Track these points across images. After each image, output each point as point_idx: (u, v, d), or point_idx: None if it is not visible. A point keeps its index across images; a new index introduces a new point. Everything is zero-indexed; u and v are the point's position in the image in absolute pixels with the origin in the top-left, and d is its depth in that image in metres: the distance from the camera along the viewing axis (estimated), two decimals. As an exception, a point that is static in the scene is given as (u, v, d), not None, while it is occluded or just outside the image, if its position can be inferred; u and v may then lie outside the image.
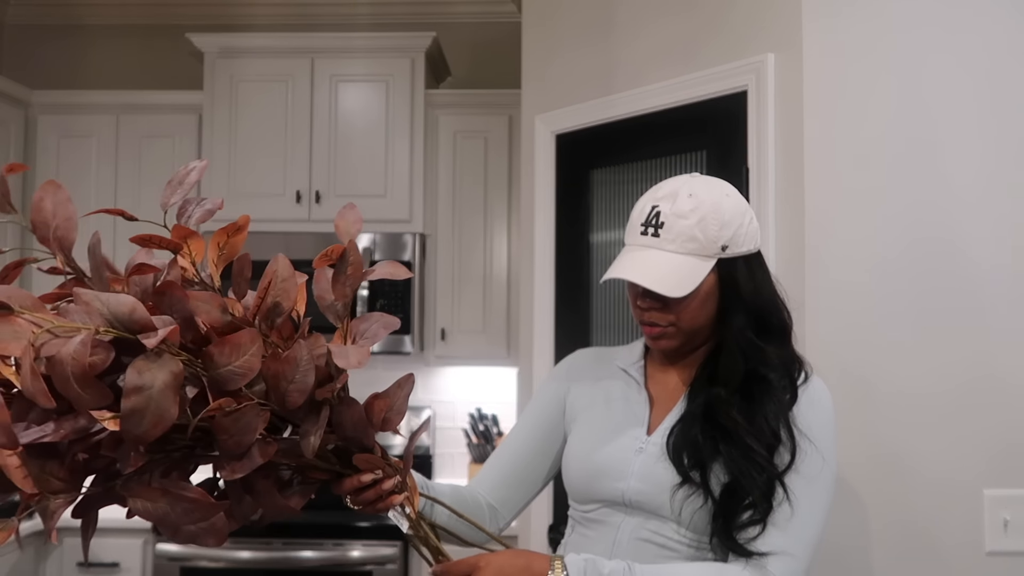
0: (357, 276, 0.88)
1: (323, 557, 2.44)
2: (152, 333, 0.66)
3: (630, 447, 1.17)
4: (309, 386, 0.77)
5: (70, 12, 3.34)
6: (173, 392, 0.66)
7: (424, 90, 2.91)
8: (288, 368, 0.77)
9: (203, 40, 2.92)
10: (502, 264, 2.93)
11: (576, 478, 1.23)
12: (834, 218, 1.64)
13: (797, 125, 1.68)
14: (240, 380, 0.73)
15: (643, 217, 1.13)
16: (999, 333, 1.57)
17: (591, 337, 2.16)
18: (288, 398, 0.77)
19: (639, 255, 1.12)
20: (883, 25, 1.63)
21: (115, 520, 2.88)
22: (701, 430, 1.10)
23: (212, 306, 0.76)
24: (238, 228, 0.85)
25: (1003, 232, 1.58)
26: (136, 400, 0.64)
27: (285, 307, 0.80)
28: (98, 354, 0.64)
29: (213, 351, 0.73)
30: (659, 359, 1.25)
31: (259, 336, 0.76)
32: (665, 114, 1.97)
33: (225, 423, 0.73)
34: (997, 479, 1.55)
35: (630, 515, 1.15)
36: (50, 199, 0.75)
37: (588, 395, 1.28)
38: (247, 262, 0.83)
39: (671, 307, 1.11)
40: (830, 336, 1.63)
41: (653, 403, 1.22)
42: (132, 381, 0.64)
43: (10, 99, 2.89)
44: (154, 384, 0.65)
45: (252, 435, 0.74)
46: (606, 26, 2.16)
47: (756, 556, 1.05)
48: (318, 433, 0.80)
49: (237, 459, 0.75)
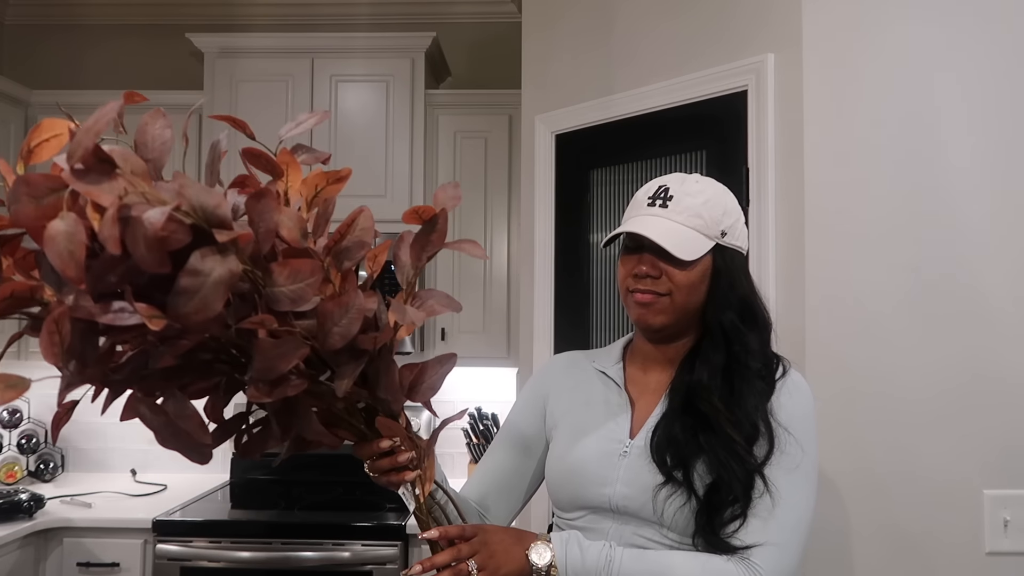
0: (439, 243, 0.92)
1: (323, 557, 2.43)
2: (226, 231, 0.69)
3: (614, 451, 1.16)
4: (351, 334, 0.79)
5: (70, 12, 3.34)
6: (225, 288, 0.68)
7: (424, 90, 2.91)
8: (337, 310, 0.79)
9: (203, 40, 2.92)
10: (502, 264, 2.93)
11: (560, 486, 1.20)
12: (834, 218, 1.64)
13: (797, 125, 1.68)
14: (289, 304, 0.75)
15: (650, 192, 1.16)
16: (1000, 333, 1.57)
17: (591, 337, 2.16)
18: (329, 339, 0.79)
19: (648, 220, 1.13)
20: (883, 25, 1.63)
21: (115, 520, 2.88)
22: (681, 425, 1.10)
23: (295, 225, 0.79)
24: (339, 177, 0.89)
25: (1004, 232, 1.58)
26: (189, 281, 0.67)
27: (356, 253, 0.83)
28: (174, 231, 0.67)
29: (274, 268, 0.75)
30: (639, 359, 1.24)
31: (321, 270, 0.78)
32: (665, 114, 1.97)
33: (265, 345, 0.75)
34: (997, 479, 1.55)
35: (618, 521, 1.13)
36: (152, 124, 0.79)
37: (567, 400, 1.27)
38: (333, 206, 0.87)
39: (670, 277, 1.12)
40: (830, 336, 1.63)
41: (634, 405, 1.20)
42: (193, 264, 0.67)
43: (10, 99, 2.89)
44: (211, 274, 0.67)
45: (286, 364, 0.75)
46: (606, 26, 2.16)
47: (740, 551, 1.04)
48: (352, 376, 0.82)
49: (268, 384, 0.76)
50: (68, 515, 2.54)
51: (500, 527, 1.09)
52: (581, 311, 2.20)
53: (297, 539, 2.46)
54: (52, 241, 0.62)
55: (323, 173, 0.88)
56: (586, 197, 2.21)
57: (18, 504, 2.48)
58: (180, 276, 0.67)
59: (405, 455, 0.97)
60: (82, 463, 3.20)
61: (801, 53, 1.67)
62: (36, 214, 0.64)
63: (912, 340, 1.59)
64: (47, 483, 3.01)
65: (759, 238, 1.73)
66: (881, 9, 1.64)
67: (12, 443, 3.07)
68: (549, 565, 1.04)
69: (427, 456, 0.99)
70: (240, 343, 0.77)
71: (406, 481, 0.99)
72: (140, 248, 0.64)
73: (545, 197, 2.30)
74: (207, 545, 2.46)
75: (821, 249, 1.64)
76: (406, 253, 0.92)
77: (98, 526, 2.53)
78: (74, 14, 3.34)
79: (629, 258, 1.16)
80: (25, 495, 2.52)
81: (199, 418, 0.74)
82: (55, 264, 0.62)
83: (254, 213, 0.75)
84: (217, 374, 0.80)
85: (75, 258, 0.63)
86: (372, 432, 0.95)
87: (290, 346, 0.75)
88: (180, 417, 0.73)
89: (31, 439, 3.08)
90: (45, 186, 0.65)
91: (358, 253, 0.84)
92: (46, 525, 2.51)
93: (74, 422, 2.86)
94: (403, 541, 2.46)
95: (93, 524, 2.53)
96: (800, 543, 1.07)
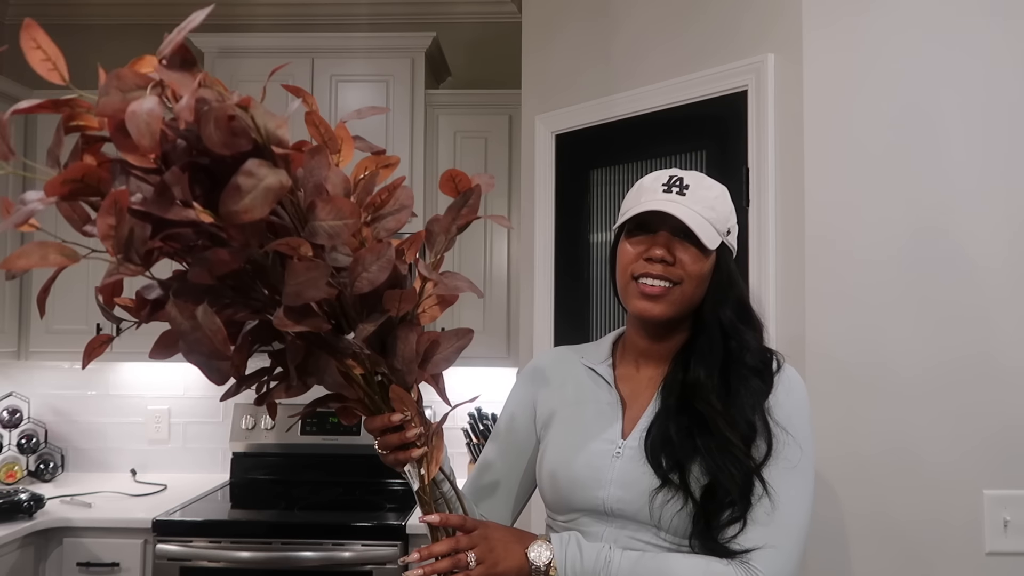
0: (470, 216, 0.98)
1: (323, 557, 2.43)
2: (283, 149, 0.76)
3: (606, 452, 1.13)
4: (379, 281, 0.84)
5: (70, 12, 3.34)
6: (273, 196, 0.73)
7: (424, 90, 2.91)
8: (369, 255, 0.84)
9: (203, 40, 2.92)
10: (502, 264, 2.93)
11: (552, 488, 1.18)
12: (834, 218, 1.64)
13: (797, 125, 1.68)
14: (326, 238, 0.80)
15: (663, 180, 1.13)
16: (1000, 333, 1.57)
17: (591, 337, 2.16)
18: (357, 283, 0.84)
19: (669, 205, 1.09)
20: (883, 25, 1.63)
21: (115, 520, 2.88)
22: (676, 426, 1.08)
23: (341, 184, 0.84)
24: (389, 163, 0.95)
25: (1004, 232, 1.58)
26: (244, 181, 0.72)
27: (392, 226, 0.90)
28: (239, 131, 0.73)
29: (317, 202, 0.80)
30: (632, 355, 1.21)
31: (360, 214, 0.84)
32: (665, 114, 1.97)
33: (297, 267, 0.79)
34: (997, 479, 1.55)
35: (612, 523, 1.11)
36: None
37: (556, 399, 1.24)
38: (376, 185, 0.93)
39: (683, 266, 1.10)
40: (830, 336, 1.63)
41: (625, 404, 1.18)
42: (249, 166, 0.73)
43: (10, 99, 2.89)
44: (264, 179, 0.73)
45: (315, 291, 0.79)
46: (606, 26, 2.16)
47: (740, 555, 1.02)
48: (371, 327, 0.87)
49: (296, 312, 0.80)
50: (68, 515, 2.54)
51: (501, 525, 1.09)
52: (581, 311, 2.20)
53: (297, 539, 2.46)
54: (133, 115, 0.68)
55: (374, 157, 0.94)
56: (586, 197, 2.21)
57: (18, 504, 2.48)
58: (236, 175, 0.72)
59: (414, 431, 0.97)
60: (82, 463, 3.20)
61: (801, 53, 1.67)
62: (121, 105, 0.70)
63: (913, 340, 1.59)
64: (47, 483, 3.00)
65: (759, 238, 1.73)
66: (881, 9, 1.64)
67: (12, 443, 3.06)
68: (548, 564, 1.03)
69: (435, 435, 1.00)
70: (272, 280, 0.82)
71: (413, 458, 0.98)
72: (210, 127, 0.71)
73: (545, 197, 2.30)
74: (207, 545, 2.46)
75: (821, 249, 1.64)
76: (437, 224, 0.98)
77: (98, 526, 2.53)
78: (74, 14, 3.34)
79: (640, 240, 1.12)
80: (25, 495, 2.52)
81: (224, 333, 0.77)
82: (133, 134, 0.67)
83: (307, 167, 0.80)
84: (247, 309, 0.84)
85: (151, 131, 0.67)
86: (385, 406, 0.97)
87: (320, 272, 0.79)
88: (208, 326, 0.76)
89: (31, 439, 3.08)
90: (133, 81, 0.72)
91: (393, 226, 0.90)
92: (46, 525, 2.51)
93: (74, 422, 2.87)
94: (403, 541, 2.46)
95: (93, 524, 2.53)
96: (800, 544, 1.06)
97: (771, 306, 1.70)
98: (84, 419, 3.21)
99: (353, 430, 3.00)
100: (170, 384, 3.21)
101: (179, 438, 3.21)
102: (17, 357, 2.95)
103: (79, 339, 2.90)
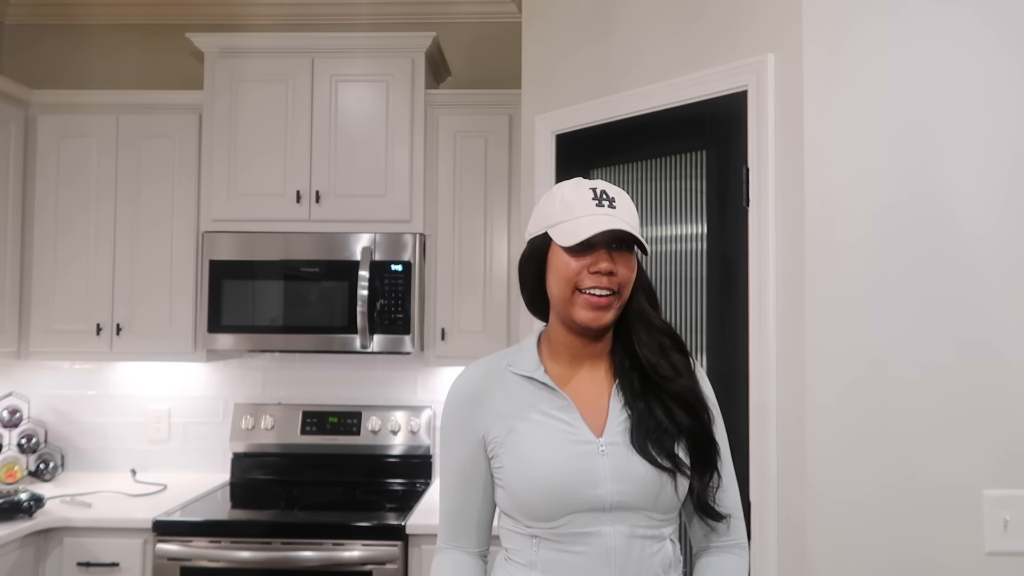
0: None
1: (323, 557, 2.43)
2: None
3: (590, 452, 1.16)
4: None
5: (70, 12, 3.34)
6: None
7: (424, 90, 2.91)
8: None
9: (203, 40, 2.92)
10: (502, 264, 2.93)
11: (538, 499, 1.16)
12: (834, 217, 1.64)
13: (797, 125, 1.68)
14: None
15: (591, 195, 1.20)
16: (1001, 334, 1.57)
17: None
18: None
19: (614, 221, 1.17)
20: (883, 25, 1.63)
21: (115, 520, 2.88)
22: (653, 416, 1.18)
23: None
24: None
25: (1005, 232, 1.58)
26: None
27: None
28: None
29: None
30: (565, 356, 1.25)
31: None
32: (665, 114, 1.97)
33: None
34: (997, 479, 1.55)
35: (610, 515, 1.15)
36: None
37: (503, 415, 1.22)
38: None
39: (618, 275, 1.18)
40: (830, 336, 1.63)
41: (577, 404, 1.21)
42: None
43: (10, 99, 2.89)
44: None
45: None
46: (606, 26, 2.16)
47: (724, 531, 1.25)
48: None
49: None
50: (68, 515, 2.55)
51: None
52: (581, 311, 2.20)
53: (297, 539, 2.46)
54: None
55: None
56: (586, 197, 2.20)
57: (18, 504, 2.48)
58: None
59: None
60: (82, 463, 3.20)
61: (801, 53, 1.67)
62: None
63: (913, 340, 1.59)
64: (47, 483, 3.01)
65: (759, 238, 1.73)
66: (881, 9, 1.64)
67: (12, 443, 3.07)
68: None
69: None
70: None
71: None
72: None
73: (545, 197, 2.30)
74: (207, 545, 2.46)
75: (821, 249, 1.64)
76: None
77: (98, 526, 2.53)
78: (74, 14, 3.34)
79: (581, 257, 1.18)
80: (25, 495, 2.52)
81: None
82: None
83: None
84: None
85: None
86: None
87: None
88: None
89: (31, 439, 3.08)
90: None
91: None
92: (46, 525, 2.51)
93: (74, 422, 2.88)
94: (403, 541, 2.46)
95: (93, 524, 2.53)
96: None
97: (771, 306, 1.70)
98: (84, 419, 3.21)
99: (353, 430, 3.02)
100: (170, 384, 3.21)
101: (179, 438, 3.21)
102: (17, 357, 2.95)
103: (79, 339, 2.92)
